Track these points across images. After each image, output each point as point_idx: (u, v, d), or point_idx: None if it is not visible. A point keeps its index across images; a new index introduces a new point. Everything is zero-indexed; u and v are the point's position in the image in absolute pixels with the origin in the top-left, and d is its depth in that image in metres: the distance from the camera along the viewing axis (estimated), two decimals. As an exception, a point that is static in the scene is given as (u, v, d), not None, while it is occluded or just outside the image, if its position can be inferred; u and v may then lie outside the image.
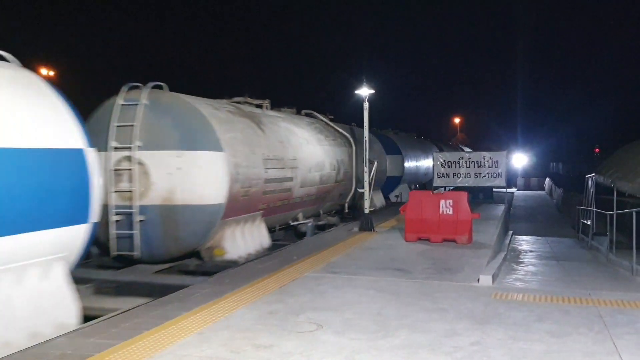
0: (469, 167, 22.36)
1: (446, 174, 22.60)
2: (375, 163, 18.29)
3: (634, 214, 12.36)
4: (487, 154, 22.56)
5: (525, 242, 19.67)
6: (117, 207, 10.78)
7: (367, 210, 15.27)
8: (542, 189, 55.51)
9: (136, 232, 10.66)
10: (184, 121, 10.99)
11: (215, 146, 11.05)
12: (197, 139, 10.95)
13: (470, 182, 22.21)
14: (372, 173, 15.67)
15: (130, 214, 10.73)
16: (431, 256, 11.43)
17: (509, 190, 27.75)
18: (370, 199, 15.81)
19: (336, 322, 6.93)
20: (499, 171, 22.33)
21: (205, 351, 5.96)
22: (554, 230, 25.83)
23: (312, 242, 13.30)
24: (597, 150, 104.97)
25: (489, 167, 22.30)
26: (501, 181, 22.39)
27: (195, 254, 11.47)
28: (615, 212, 16.10)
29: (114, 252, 10.81)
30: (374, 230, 14.97)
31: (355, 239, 13.68)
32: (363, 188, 15.52)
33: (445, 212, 13.06)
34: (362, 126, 15.60)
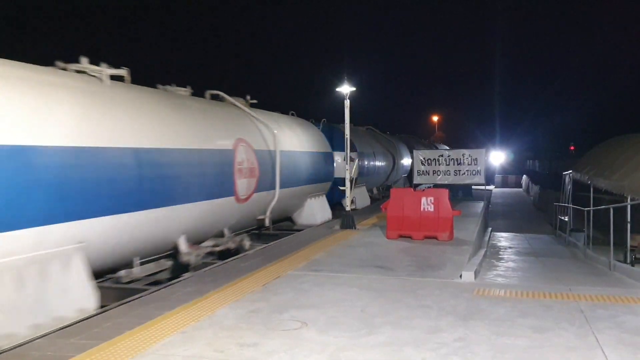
0: (449, 165, 22.57)
1: (426, 171, 22.77)
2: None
3: (611, 210, 12.52)
4: (466, 152, 22.80)
5: (504, 239, 19.88)
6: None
7: (348, 208, 15.27)
8: (520, 186, 56.13)
9: None
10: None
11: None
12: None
13: (450, 180, 22.44)
14: (352, 170, 15.65)
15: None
16: (413, 253, 11.47)
17: (487, 187, 27.93)
18: (352, 198, 15.80)
19: (320, 320, 6.91)
20: (478, 169, 22.58)
21: (189, 350, 5.90)
22: (532, 227, 26.13)
23: (292, 240, 13.25)
24: (572, 148, 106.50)
25: (468, 164, 22.53)
26: (480, 178, 22.64)
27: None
28: (592, 208, 16.30)
29: None
30: (355, 228, 14.98)
31: (336, 236, 13.68)
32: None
33: (426, 210, 13.11)
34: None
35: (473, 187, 26.20)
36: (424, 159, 22.77)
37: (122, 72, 9.80)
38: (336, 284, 8.79)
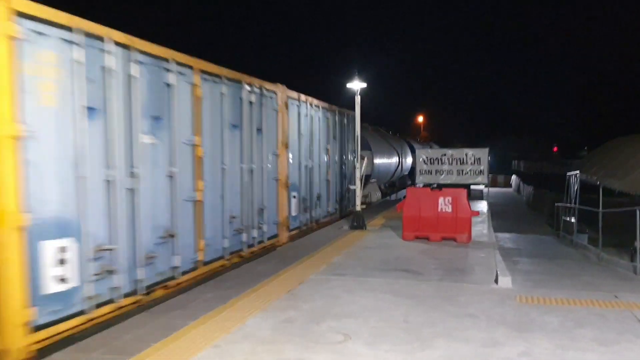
0: (452, 164, 22.10)
1: (429, 171, 22.28)
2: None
3: (638, 212, 12.09)
4: (469, 151, 22.33)
5: (508, 240, 19.41)
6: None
7: (358, 208, 14.70)
8: (509, 186, 55.94)
9: None
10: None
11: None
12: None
13: (453, 179, 21.95)
14: (362, 168, 15.09)
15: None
16: (435, 256, 10.93)
17: (477, 187, 27.38)
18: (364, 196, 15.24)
19: (363, 332, 6.33)
20: (481, 168, 22.16)
21: (229, 368, 5.30)
22: (530, 227, 25.75)
23: (303, 242, 12.64)
24: (555, 149, 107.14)
25: (471, 164, 22.08)
26: (483, 178, 22.21)
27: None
28: (605, 210, 15.90)
29: None
30: (365, 229, 14.43)
31: (348, 237, 13.10)
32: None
33: (444, 210, 12.59)
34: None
35: (472, 187, 25.76)
36: (426, 158, 22.27)
37: None
38: (366, 289, 8.22)
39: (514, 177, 58.15)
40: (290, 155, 12.82)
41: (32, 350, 5.54)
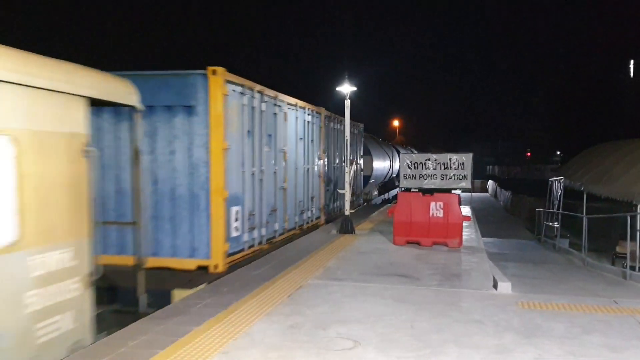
0: (436, 169, 22.08)
1: (413, 175, 22.14)
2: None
3: (629, 218, 12.25)
4: (453, 156, 22.22)
5: (491, 244, 19.56)
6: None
7: (347, 212, 14.66)
8: (486, 191, 56.47)
9: None
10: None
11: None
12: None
13: (437, 184, 21.86)
14: (351, 173, 15.03)
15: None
16: (429, 261, 10.93)
17: (453, 192, 27.51)
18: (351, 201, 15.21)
19: (371, 338, 6.27)
20: (465, 173, 22.10)
21: (244, 375, 5.19)
22: (510, 232, 26.07)
23: (296, 246, 12.54)
24: (528, 154, 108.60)
25: (455, 169, 22.04)
26: (467, 183, 22.12)
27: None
28: (590, 215, 16.10)
29: None
30: (354, 233, 14.38)
31: (339, 242, 13.04)
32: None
33: (435, 215, 12.63)
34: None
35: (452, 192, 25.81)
36: (410, 162, 22.12)
37: None
38: (367, 294, 8.17)
39: (490, 182, 58.75)
40: (326, 159, 16.58)
41: (226, 266, 9.46)
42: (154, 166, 9.42)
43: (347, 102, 14.64)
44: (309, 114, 14.64)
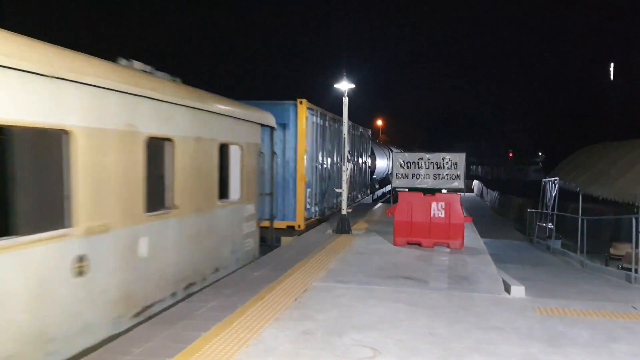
0: (428, 168, 21.83)
1: (405, 174, 21.89)
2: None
3: (634, 220, 12.08)
4: (446, 156, 22.03)
5: (485, 245, 19.35)
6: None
7: (344, 212, 14.33)
8: (471, 191, 56.52)
9: None
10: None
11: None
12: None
13: (429, 184, 21.62)
14: (347, 173, 14.72)
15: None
16: (433, 262, 10.63)
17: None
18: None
19: (390, 345, 5.95)
20: (458, 173, 21.89)
21: (263, 388, 4.83)
22: (500, 233, 25.87)
23: (294, 247, 12.18)
24: (510, 155, 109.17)
25: (448, 168, 21.82)
26: (460, 183, 21.88)
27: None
28: (587, 217, 15.95)
29: None
30: (351, 233, 14.06)
31: (338, 242, 12.70)
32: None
33: (436, 215, 12.35)
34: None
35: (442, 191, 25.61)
36: (403, 162, 21.85)
37: None
38: (376, 298, 7.85)
39: (476, 182, 58.85)
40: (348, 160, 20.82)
41: (304, 226, 14.49)
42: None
43: (345, 100, 14.32)
44: (334, 121, 18.23)
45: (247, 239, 10.69)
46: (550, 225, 19.75)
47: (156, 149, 7.55)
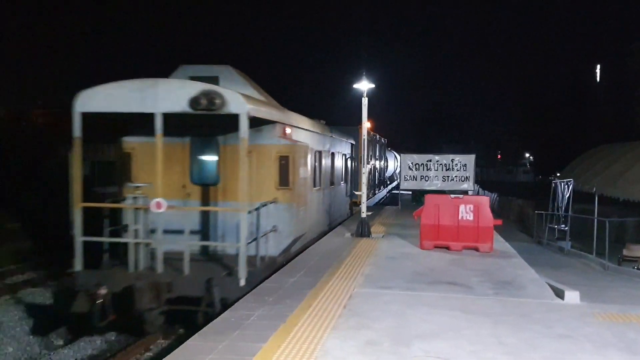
0: (437, 170, 21.63)
1: (414, 176, 21.73)
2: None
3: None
4: (455, 157, 21.94)
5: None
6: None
7: (364, 215, 13.99)
8: (465, 192, 56.28)
9: None
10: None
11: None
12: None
13: (438, 186, 21.45)
14: (366, 175, 14.41)
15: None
16: (468, 267, 10.32)
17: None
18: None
19: (463, 356, 5.63)
20: (467, 175, 21.77)
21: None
22: (506, 235, 25.45)
23: (318, 251, 11.80)
24: (499, 157, 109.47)
25: (457, 170, 21.67)
26: (470, 185, 21.80)
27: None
28: (602, 219, 15.77)
29: None
30: (370, 237, 13.71)
31: (360, 246, 12.33)
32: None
33: (465, 218, 12.01)
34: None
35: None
36: (412, 163, 21.72)
37: None
38: (425, 304, 7.53)
39: (470, 184, 58.61)
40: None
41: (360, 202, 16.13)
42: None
43: (365, 101, 14.01)
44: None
45: (345, 205, 18.63)
46: (563, 227, 19.53)
47: (316, 156, 13.01)
